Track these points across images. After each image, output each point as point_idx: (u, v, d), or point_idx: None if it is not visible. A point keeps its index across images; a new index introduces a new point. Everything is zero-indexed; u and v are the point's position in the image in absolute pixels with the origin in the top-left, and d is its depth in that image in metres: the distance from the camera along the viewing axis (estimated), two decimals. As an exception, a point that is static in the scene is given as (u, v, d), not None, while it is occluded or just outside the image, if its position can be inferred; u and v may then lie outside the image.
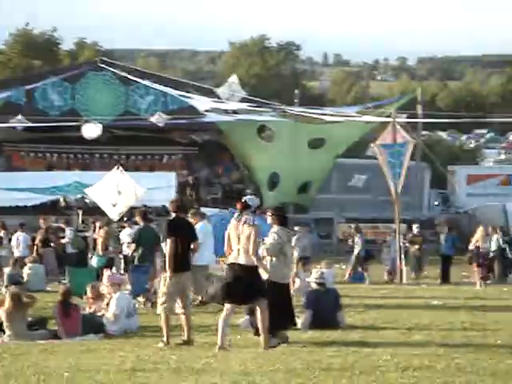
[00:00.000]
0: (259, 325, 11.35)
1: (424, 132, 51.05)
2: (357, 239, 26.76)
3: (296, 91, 47.77)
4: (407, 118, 35.41)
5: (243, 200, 11.45)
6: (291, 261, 12.44)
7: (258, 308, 11.29)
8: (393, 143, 26.52)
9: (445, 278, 26.42)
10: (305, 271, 19.87)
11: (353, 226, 28.55)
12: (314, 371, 9.26)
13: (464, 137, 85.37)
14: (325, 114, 38.91)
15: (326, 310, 13.70)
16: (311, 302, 13.86)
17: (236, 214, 11.43)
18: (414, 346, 11.26)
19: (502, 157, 73.79)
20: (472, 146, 73.36)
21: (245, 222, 11.19)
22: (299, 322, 13.81)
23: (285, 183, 39.03)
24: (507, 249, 25.88)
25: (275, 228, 12.07)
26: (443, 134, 78.56)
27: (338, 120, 38.28)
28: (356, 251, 26.46)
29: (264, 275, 11.39)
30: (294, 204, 40.28)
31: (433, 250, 29.30)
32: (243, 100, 37.93)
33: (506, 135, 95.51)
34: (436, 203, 43.44)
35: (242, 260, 11.16)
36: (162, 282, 12.24)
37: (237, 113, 38.01)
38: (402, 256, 26.08)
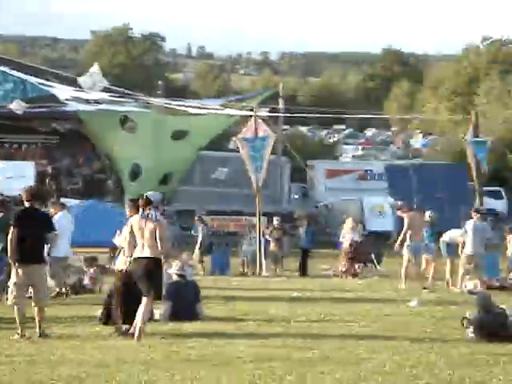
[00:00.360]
0: (138, 316, 11.37)
1: (285, 126, 51.79)
2: (200, 229, 27.16)
3: (159, 82, 47.58)
4: (269, 112, 35.86)
5: (145, 196, 11.56)
6: None
7: (143, 299, 11.40)
8: (254, 137, 26.79)
9: (303, 270, 26.94)
10: (166, 263, 19.83)
11: (197, 216, 28.89)
12: (172, 362, 9.29)
13: (323, 132, 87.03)
14: (188, 106, 38.91)
15: (185, 301, 13.74)
16: (171, 294, 13.86)
17: (140, 210, 11.50)
18: (271, 338, 11.42)
19: (360, 152, 75.61)
20: (331, 141, 74.91)
21: (148, 218, 11.34)
22: (158, 313, 13.82)
23: (146, 174, 38.81)
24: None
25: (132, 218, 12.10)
26: (303, 129, 79.88)
27: (202, 112, 38.36)
28: (199, 241, 26.82)
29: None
30: (156, 195, 40.11)
31: (292, 243, 29.77)
32: (105, 90, 37.45)
33: (364, 131, 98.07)
34: (296, 197, 44.19)
35: (146, 253, 11.38)
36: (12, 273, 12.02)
37: (99, 102, 37.51)
38: (262, 248, 26.40)
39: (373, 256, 26.68)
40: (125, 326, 11.81)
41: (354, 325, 13.11)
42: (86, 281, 18.90)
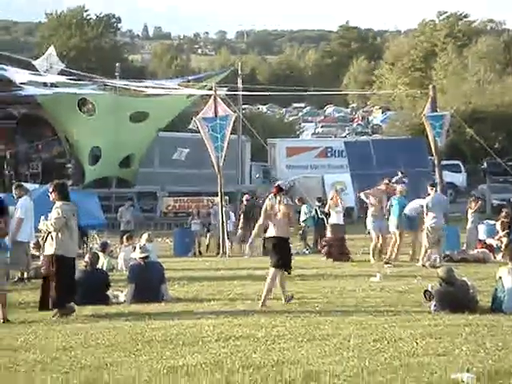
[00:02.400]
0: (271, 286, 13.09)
1: (244, 106, 51.72)
2: None
3: (117, 64, 47.21)
4: (228, 91, 35.74)
5: (277, 184, 14.00)
6: (76, 235, 12.47)
7: (271, 270, 13.24)
8: (214, 117, 26.69)
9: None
10: (129, 245, 19.80)
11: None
12: (136, 344, 9.26)
13: (283, 110, 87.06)
14: (146, 87, 38.67)
15: (149, 283, 13.70)
16: (134, 276, 13.83)
17: (271, 196, 13.44)
18: (236, 316, 11.45)
19: (320, 130, 75.80)
20: (291, 119, 74.99)
21: (280, 202, 13.15)
22: (123, 295, 13.81)
23: (107, 157, 38.59)
24: (325, 219, 26.57)
25: (58, 203, 12.12)
26: (263, 108, 79.83)
27: (160, 93, 38.14)
28: None
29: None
30: (117, 178, 39.98)
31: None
32: (62, 72, 37.06)
33: (324, 109, 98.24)
34: (257, 176, 44.24)
35: (278, 233, 13.13)
36: None
37: (56, 86, 37.12)
38: (225, 229, 26.37)
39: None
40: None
41: (317, 301, 13.18)
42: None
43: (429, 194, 20.37)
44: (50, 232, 11.97)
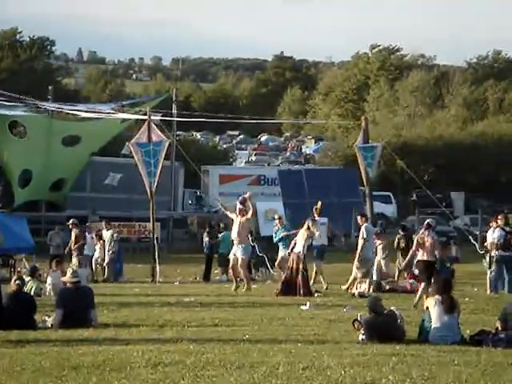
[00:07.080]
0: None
1: (178, 132, 51.70)
2: None
3: (49, 87, 46.82)
4: (162, 117, 35.72)
5: (427, 222, 18.11)
6: None
7: None
8: (148, 142, 26.61)
9: (206, 276, 27.06)
10: (57, 270, 19.56)
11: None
12: (63, 369, 9.12)
13: (217, 138, 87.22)
14: (80, 110, 38.43)
15: (78, 308, 13.52)
16: (63, 300, 13.64)
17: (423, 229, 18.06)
18: (165, 343, 11.37)
19: (253, 158, 76.12)
20: (225, 146, 75.20)
21: (428, 235, 17.71)
22: (50, 320, 13.63)
23: (37, 180, 38.14)
24: (256, 247, 26.64)
25: None
26: (197, 135, 79.89)
27: (94, 117, 37.93)
28: None
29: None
30: (47, 201, 39.50)
31: (185, 247, 29.70)
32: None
33: (258, 137, 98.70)
34: (190, 202, 44.15)
35: (428, 258, 17.66)
36: None
37: (-14, 107, 36.61)
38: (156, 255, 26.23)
39: (267, 260, 26.87)
40: None
41: (247, 329, 13.16)
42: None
43: (361, 225, 20.55)
44: None
